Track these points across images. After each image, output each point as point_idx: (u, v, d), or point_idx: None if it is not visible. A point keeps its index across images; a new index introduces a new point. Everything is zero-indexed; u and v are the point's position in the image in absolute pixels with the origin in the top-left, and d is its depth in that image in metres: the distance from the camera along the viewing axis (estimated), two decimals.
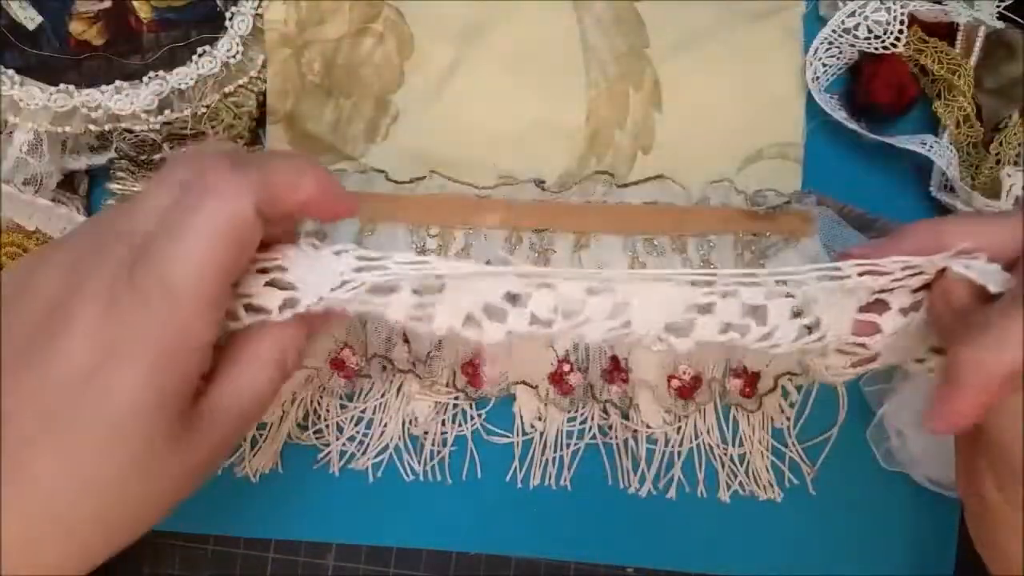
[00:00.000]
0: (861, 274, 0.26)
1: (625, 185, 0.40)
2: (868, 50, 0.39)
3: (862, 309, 0.27)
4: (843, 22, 0.39)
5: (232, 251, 0.24)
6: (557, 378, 0.39)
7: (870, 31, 0.38)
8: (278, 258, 0.26)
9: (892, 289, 0.27)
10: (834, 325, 0.27)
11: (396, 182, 0.39)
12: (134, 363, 0.23)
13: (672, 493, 0.40)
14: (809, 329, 0.27)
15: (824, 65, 0.40)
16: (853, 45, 0.39)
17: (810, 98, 0.40)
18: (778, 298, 0.26)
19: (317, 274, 0.25)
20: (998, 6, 0.39)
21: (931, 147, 0.38)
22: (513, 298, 0.26)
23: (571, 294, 0.26)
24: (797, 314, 0.27)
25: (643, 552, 0.40)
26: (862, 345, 0.28)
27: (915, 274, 0.26)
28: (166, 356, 0.23)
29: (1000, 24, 0.39)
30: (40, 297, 0.24)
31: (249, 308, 0.25)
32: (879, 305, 0.27)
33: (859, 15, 0.38)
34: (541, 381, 0.39)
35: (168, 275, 0.23)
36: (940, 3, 0.39)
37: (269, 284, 0.25)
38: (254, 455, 0.39)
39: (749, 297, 0.26)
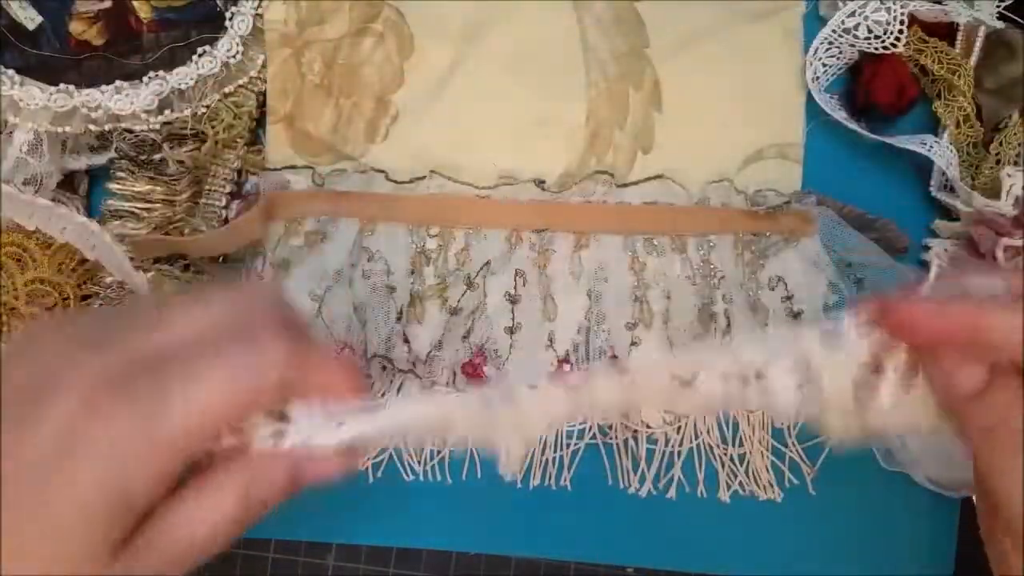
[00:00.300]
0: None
1: (625, 185, 0.40)
2: (868, 50, 0.39)
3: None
4: (843, 22, 0.39)
5: (236, 412, 0.23)
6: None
7: (870, 31, 0.38)
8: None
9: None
10: (833, 383, 0.25)
11: (396, 182, 0.39)
12: (94, 465, 0.21)
13: (672, 493, 0.40)
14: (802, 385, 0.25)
15: (824, 65, 0.40)
16: (853, 45, 0.39)
17: (810, 98, 0.40)
18: (778, 359, 0.25)
19: (316, 421, 0.24)
20: (998, 6, 0.39)
21: (931, 147, 0.38)
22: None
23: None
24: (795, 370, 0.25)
25: (643, 552, 0.40)
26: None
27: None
28: (129, 468, 0.22)
29: (1000, 24, 0.39)
30: (31, 371, 0.23)
31: (233, 431, 0.24)
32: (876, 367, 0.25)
33: (859, 15, 0.38)
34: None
35: (166, 403, 0.22)
36: (940, 3, 0.39)
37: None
38: None
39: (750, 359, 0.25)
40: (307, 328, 0.25)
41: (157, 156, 0.39)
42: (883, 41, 0.38)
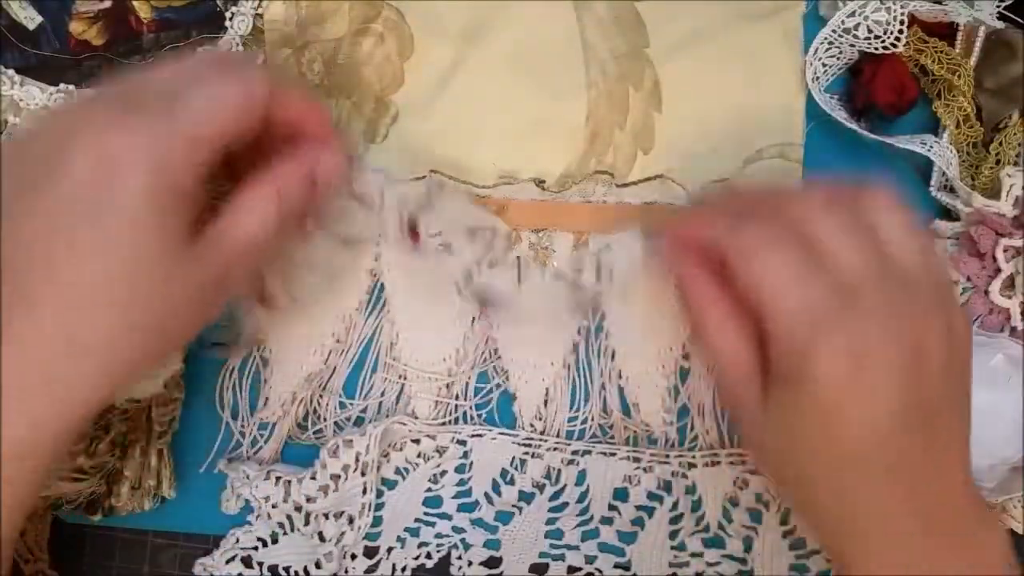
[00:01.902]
0: None
1: (625, 185, 0.40)
2: (868, 50, 0.39)
3: None
4: (843, 22, 0.39)
5: (237, 115, 0.28)
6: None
7: (870, 31, 0.38)
8: None
9: None
10: None
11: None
12: (135, 171, 0.25)
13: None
14: None
15: (824, 65, 0.40)
16: (853, 45, 0.39)
17: (810, 98, 0.40)
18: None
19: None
20: (998, 6, 0.39)
21: (931, 147, 0.38)
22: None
23: None
24: None
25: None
26: None
27: None
28: (164, 167, 0.26)
29: (1000, 24, 0.38)
30: (47, 140, 0.27)
31: None
32: None
33: (859, 15, 0.38)
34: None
35: (176, 107, 0.27)
36: (940, 3, 0.39)
37: None
38: (255, 453, 0.39)
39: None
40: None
41: None
42: (883, 41, 0.38)
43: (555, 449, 0.39)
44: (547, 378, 0.39)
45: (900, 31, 0.38)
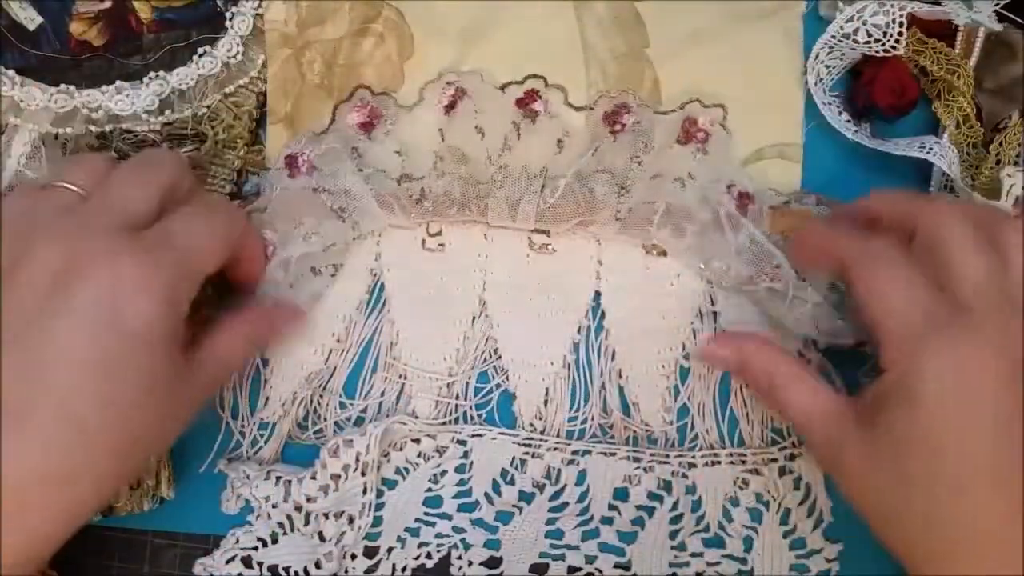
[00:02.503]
0: None
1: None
2: (869, 54, 0.39)
3: None
4: (842, 27, 0.39)
5: (223, 248, 0.32)
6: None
7: (869, 35, 0.38)
8: None
9: None
10: None
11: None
12: (150, 300, 0.27)
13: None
14: None
15: (827, 67, 0.40)
16: (854, 49, 0.39)
17: (810, 98, 0.40)
18: None
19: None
20: (996, 5, 0.38)
21: (930, 149, 0.38)
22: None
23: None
24: None
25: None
26: None
27: None
28: (174, 292, 0.29)
29: (999, 26, 0.38)
30: (44, 262, 0.27)
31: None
32: None
33: (857, 20, 0.38)
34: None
35: (174, 239, 0.30)
36: (939, 2, 0.39)
37: None
38: (255, 453, 0.39)
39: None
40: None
41: None
42: (883, 45, 0.38)
43: (555, 449, 0.39)
44: (547, 378, 0.39)
45: (900, 33, 0.38)
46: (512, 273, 0.40)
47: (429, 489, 0.39)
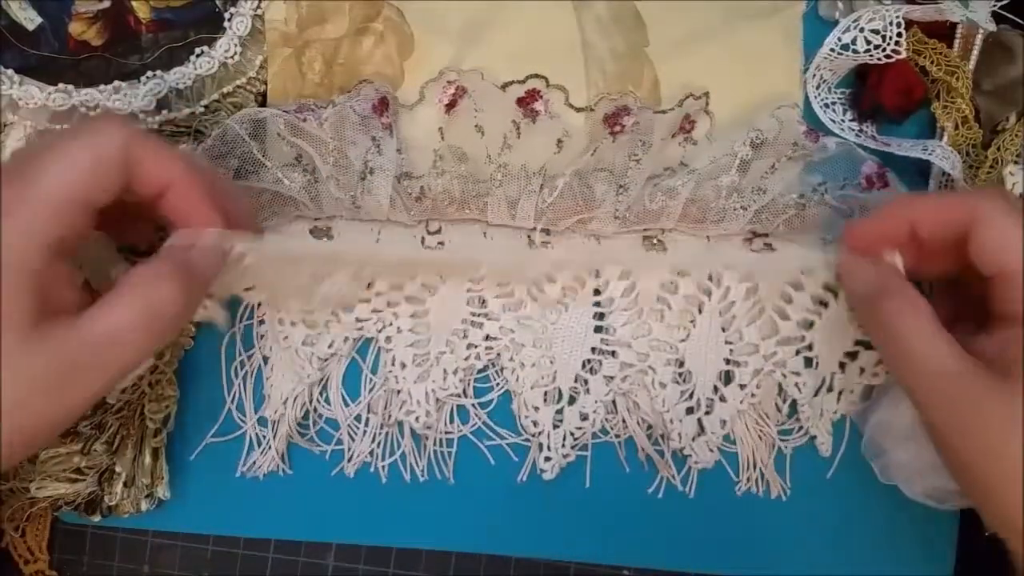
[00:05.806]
0: None
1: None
2: (871, 62, 0.38)
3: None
4: (839, 39, 0.38)
5: (92, 179, 0.27)
6: None
7: (868, 42, 0.38)
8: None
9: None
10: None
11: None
12: None
13: (690, 489, 0.40)
14: None
15: (829, 73, 0.40)
16: (855, 60, 0.39)
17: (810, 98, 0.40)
18: None
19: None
20: (994, 6, 0.38)
21: (932, 151, 0.38)
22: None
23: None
24: None
25: (642, 552, 0.40)
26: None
27: None
28: (13, 232, 0.25)
29: (994, 27, 0.38)
30: None
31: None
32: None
33: (854, 28, 0.38)
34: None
35: (30, 176, 0.26)
36: (937, 2, 0.39)
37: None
38: (260, 454, 0.39)
39: None
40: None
41: None
42: (884, 50, 0.38)
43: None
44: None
45: (899, 35, 0.38)
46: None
47: (469, 289, 0.39)
